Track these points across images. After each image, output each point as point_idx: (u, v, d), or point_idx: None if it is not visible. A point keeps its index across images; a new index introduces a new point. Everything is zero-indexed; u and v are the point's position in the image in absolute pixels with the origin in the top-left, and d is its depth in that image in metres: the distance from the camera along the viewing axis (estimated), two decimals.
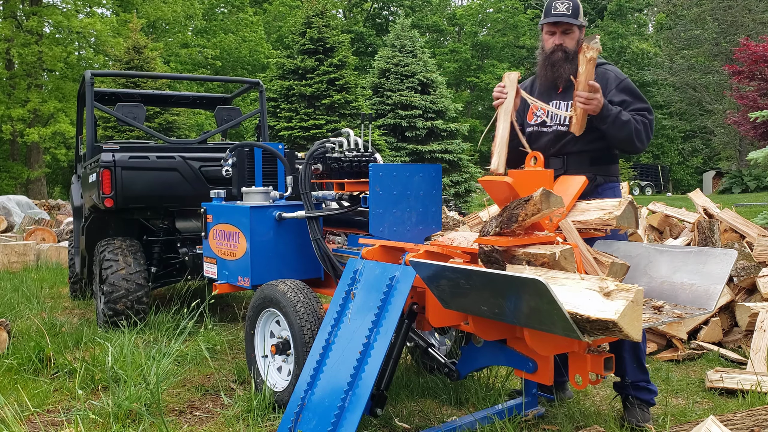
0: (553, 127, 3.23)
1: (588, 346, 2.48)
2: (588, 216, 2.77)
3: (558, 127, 3.21)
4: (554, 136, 3.22)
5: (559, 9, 3.15)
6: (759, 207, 14.51)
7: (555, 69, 3.18)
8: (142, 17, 25.14)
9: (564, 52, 3.16)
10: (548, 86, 3.26)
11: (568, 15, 3.14)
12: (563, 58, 3.16)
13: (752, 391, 3.38)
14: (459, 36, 44.91)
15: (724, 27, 29.86)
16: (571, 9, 3.14)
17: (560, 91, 3.22)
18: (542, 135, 3.28)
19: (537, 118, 3.30)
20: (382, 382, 2.77)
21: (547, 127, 3.26)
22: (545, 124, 3.27)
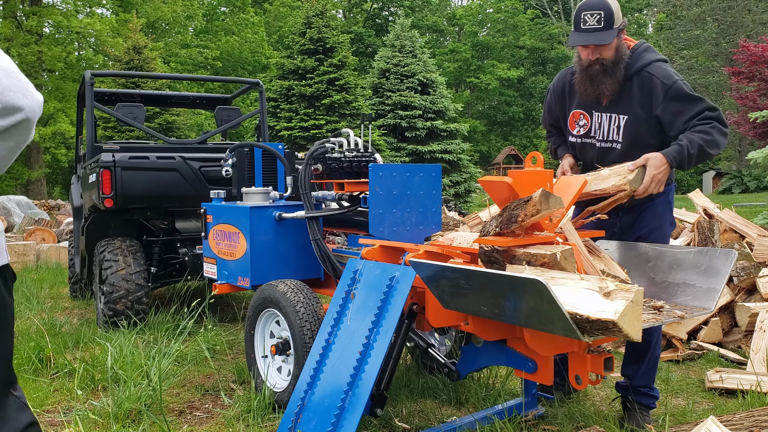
0: (598, 144, 3.03)
1: (588, 346, 2.48)
2: (606, 184, 2.75)
3: (602, 143, 3.00)
4: (600, 151, 3.02)
5: (589, 23, 2.78)
6: (759, 207, 14.52)
7: (594, 85, 2.90)
8: (142, 17, 25.14)
9: (602, 65, 2.86)
10: (588, 98, 2.99)
11: (599, 30, 2.76)
12: (601, 71, 2.87)
13: (752, 391, 3.38)
14: (459, 36, 44.93)
15: (724, 27, 29.87)
16: (603, 20, 2.75)
17: (605, 104, 2.96)
18: (587, 147, 3.07)
19: (580, 128, 3.07)
20: (382, 382, 2.77)
21: (591, 139, 3.05)
22: (589, 135, 3.04)
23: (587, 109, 3.03)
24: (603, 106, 2.98)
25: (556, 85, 3.21)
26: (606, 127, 2.97)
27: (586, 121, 3.03)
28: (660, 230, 3.03)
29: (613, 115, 2.94)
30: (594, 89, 2.92)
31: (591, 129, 3.03)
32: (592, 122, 3.02)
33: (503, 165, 31.13)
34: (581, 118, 3.06)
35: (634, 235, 3.04)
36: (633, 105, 2.90)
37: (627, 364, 3.16)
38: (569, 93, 3.12)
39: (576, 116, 3.08)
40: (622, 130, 2.93)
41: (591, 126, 3.02)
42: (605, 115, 2.97)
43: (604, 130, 2.98)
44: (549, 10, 44.90)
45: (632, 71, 2.89)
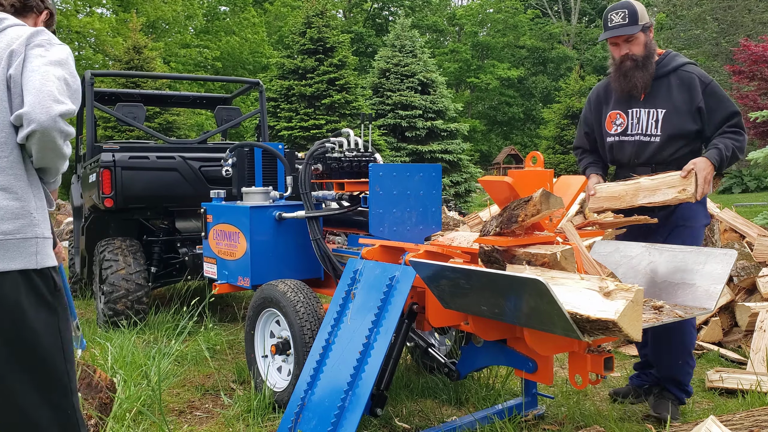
0: (636, 137, 3.15)
1: (588, 346, 2.48)
2: (662, 197, 2.86)
3: (641, 137, 3.13)
4: (638, 146, 3.15)
5: (615, 20, 3.09)
6: (759, 207, 14.51)
7: (627, 79, 3.11)
8: (142, 16, 25.13)
9: (632, 60, 3.09)
10: (625, 94, 3.18)
11: (625, 25, 3.06)
12: (633, 66, 3.09)
13: (752, 391, 3.38)
14: (459, 36, 44.92)
15: (724, 27, 29.86)
16: (627, 17, 3.05)
17: (642, 99, 3.14)
18: (624, 145, 3.20)
19: (617, 127, 3.22)
20: (382, 382, 2.77)
21: (629, 136, 3.18)
22: (626, 132, 3.19)
23: (624, 108, 3.20)
24: (640, 102, 3.14)
25: (591, 96, 3.44)
26: (644, 121, 3.13)
27: (623, 119, 3.20)
28: (695, 219, 3.11)
29: (651, 110, 3.12)
30: (627, 83, 3.12)
31: (628, 126, 3.19)
32: (628, 120, 3.18)
33: (503, 165, 31.14)
34: (618, 118, 3.22)
35: (669, 227, 3.11)
36: (672, 99, 3.08)
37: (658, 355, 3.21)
38: (605, 98, 3.32)
39: (612, 117, 3.25)
40: (661, 124, 3.09)
41: (628, 123, 3.18)
42: (643, 110, 3.14)
43: (643, 125, 3.13)
44: (549, 10, 44.90)
45: (668, 69, 3.12)
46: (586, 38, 43.47)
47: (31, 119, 1.69)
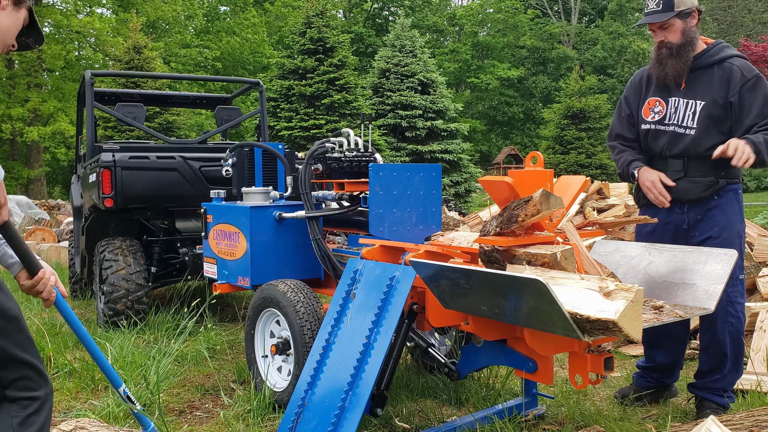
0: (671, 127, 3.06)
1: (588, 346, 2.48)
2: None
3: (676, 128, 3.05)
4: (672, 137, 3.06)
5: (650, 6, 3.01)
6: (759, 207, 14.51)
7: (661, 66, 3.05)
8: (142, 16, 25.13)
9: (668, 48, 3.02)
10: (665, 82, 3.09)
11: (657, 11, 2.98)
12: (668, 54, 3.02)
13: (752, 391, 3.38)
14: (459, 36, 44.92)
15: (724, 27, 29.86)
16: (662, 3, 2.96)
17: (682, 88, 3.05)
18: (660, 135, 3.10)
19: (654, 115, 3.13)
20: (382, 382, 2.77)
21: (664, 126, 3.09)
22: (663, 121, 3.09)
23: (664, 96, 3.12)
24: (680, 92, 3.06)
25: (633, 78, 3.34)
26: (682, 112, 3.05)
27: (662, 107, 3.12)
28: (730, 228, 3.00)
29: (690, 101, 3.03)
30: (661, 70, 3.06)
31: (666, 115, 3.10)
32: (667, 108, 3.10)
33: (503, 165, 31.14)
34: (657, 105, 3.14)
35: (704, 234, 3.02)
36: (711, 92, 2.99)
37: (708, 364, 3.14)
38: (646, 83, 3.23)
39: (651, 103, 3.16)
40: (698, 116, 3.01)
41: (666, 112, 3.10)
42: (682, 100, 3.06)
43: (680, 116, 3.05)
44: (549, 10, 44.90)
45: (713, 60, 3.02)
46: (586, 38, 43.47)
47: None
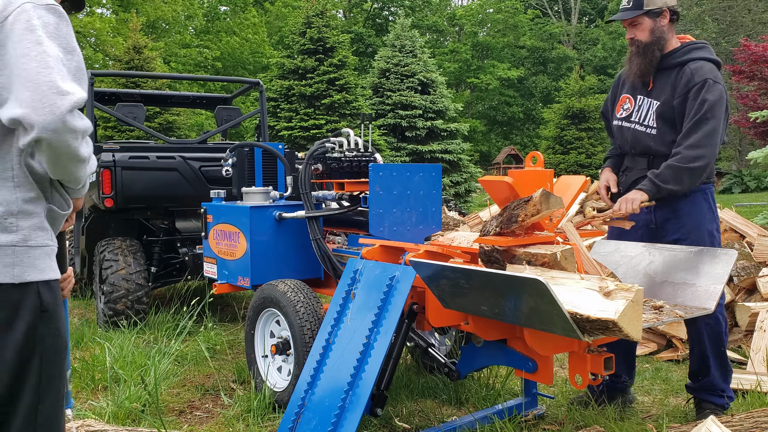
0: (634, 125, 3.11)
1: (588, 345, 2.48)
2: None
3: (637, 125, 3.09)
4: (635, 135, 3.11)
5: (623, 5, 3.07)
6: (759, 207, 14.51)
7: (630, 63, 3.11)
8: (142, 16, 25.13)
9: (636, 46, 3.06)
10: (633, 80, 3.14)
11: (627, 9, 3.03)
12: (635, 52, 3.06)
13: (752, 391, 3.38)
14: (459, 36, 44.92)
15: (724, 27, 29.85)
16: (632, 1, 3.01)
17: (650, 87, 3.09)
18: (625, 131, 3.16)
19: (623, 112, 3.18)
20: (382, 381, 2.77)
21: (630, 123, 3.14)
22: (629, 119, 3.14)
23: (633, 94, 3.17)
24: (647, 90, 3.10)
25: (616, 78, 3.39)
26: (645, 111, 3.10)
27: (630, 105, 3.16)
28: (698, 230, 2.99)
29: (652, 100, 3.08)
30: (629, 68, 3.12)
31: (632, 113, 3.15)
32: (634, 106, 3.14)
33: (503, 165, 31.14)
34: (626, 102, 3.19)
35: (673, 235, 3.01)
36: (666, 93, 3.02)
37: (695, 365, 3.14)
38: (622, 82, 3.28)
39: (623, 100, 3.22)
40: (655, 116, 3.05)
41: (633, 110, 3.14)
42: (646, 99, 3.10)
43: (643, 114, 3.10)
44: (549, 10, 44.90)
45: (677, 62, 3.03)
46: (586, 38, 43.46)
47: (32, 123, 1.39)
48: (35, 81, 1.40)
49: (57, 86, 1.41)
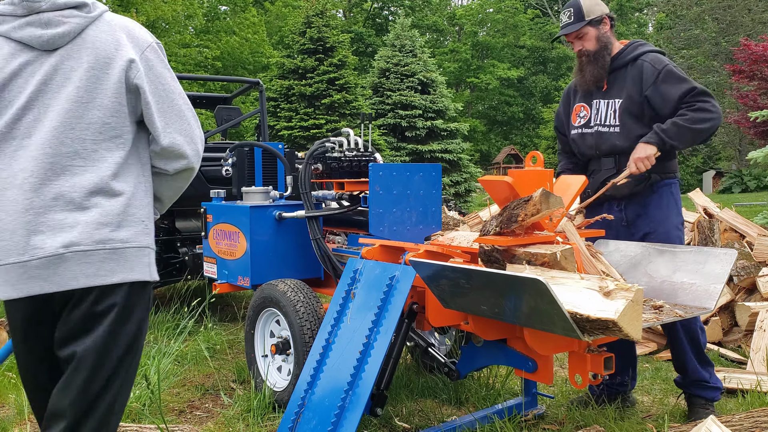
0: (595, 128, 3.20)
1: (588, 345, 2.48)
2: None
3: (599, 127, 3.18)
4: (597, 137, 3.19)
5: (563, 20, 3.21)
6: (759, 207, 14.51)
7: (582, 73, 3.21)
8: (142, 16, 25.10)
9: (586, 56, 3.18)
10: (587, 88, 3.25)
11: (570, 23, 3.17)
12: (587, 61, 3.18)
13: (752, 390, 3.38)
14: (459, 36, 44.91)
15: (724, 27, 29.85)
16: (573, 15, 3.16)
17: (604, 89, 3.19)
18: (586, 136, 3.25)
19: (580, 120, 3.28)
20: (382, 381, 2.77)
21: (590, 128, 3.23)
22: (589, 124, 3.24)
23: (587, 100, 3.26)
24: (602, 93, 3.20)
25: (563, 93, 3.49)
26: (604, 112, 3.18)
27: (586, 112, 3.26)
28: (666, 222, 3.10)
29: (609, 100, 3.17)
30: (582, 77, 3.23)
31: (590, 119, 3.24)
32: (591, 112, 3.24)
33: (503, 164, 31.14)
34: (582, 111, 3.28)
35: (641, 231, 3.11)
36: (626, 89, 3.12)
37: (677, 361, 3.17)
38: (573, 94, 3.38)
39: (577, 110, 3.31)
40: (618, 114, 3.13)
41: (590, 115, 3.24)
42: (603, 101, 3.20)
43: (602, 116, 3.18)
44: (549, 9, 44.90)
45: (627, 60, 3.16)
46: None
47: (184, 155, 1.73)
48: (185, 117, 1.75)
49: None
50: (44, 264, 1.58)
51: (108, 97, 1.64)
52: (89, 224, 1.61)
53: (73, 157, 1.62)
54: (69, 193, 1.60)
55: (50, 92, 1.60)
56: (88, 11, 1.66)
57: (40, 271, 1.58)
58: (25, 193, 1.58)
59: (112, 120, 1.65)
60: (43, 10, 1.60)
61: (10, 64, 1.59)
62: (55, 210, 1.59)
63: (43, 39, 1.59)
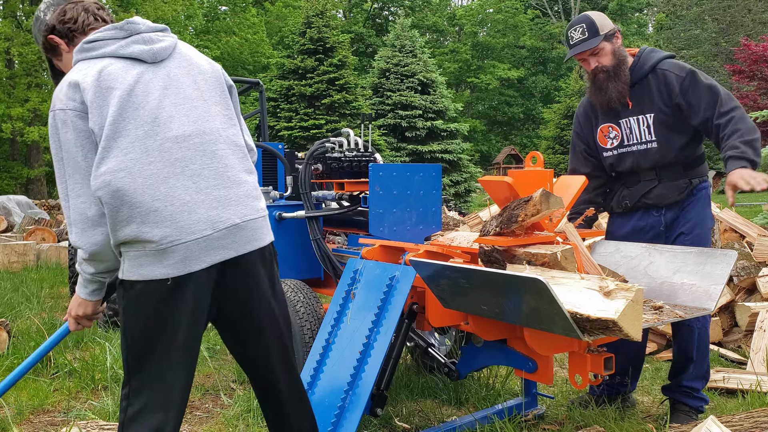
0: (633, 147, 3.06)
1: (588, 345, 2.48)
2: None
3: (638, 146, 3.04)
4: (637, 155, 3.05)
5: (576, 37, 3.01)
6: (759, 207, 14.51)
7: (603, 92, 3.02)
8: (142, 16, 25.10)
9: (604, 72, 3.01)
10: (610, 106, 3.06)
11: (585, 40, 2.98)
12: (605, 78, 3.01)
13: (752, 391, 3.38)
14: (459, 36, 44.92)
15: (724, 27, 29.87)
16: (586, 30, 2.98)
17: (630, 107, 3.04)
18: (625, 157, 3.10)
19: (612, 141, 3.12)
20: (382, 381, 2.77)
21: (626, 147, 3.08)
22: (623, 144, 3.09)
23: (614, 120, 3.10)
24: (629, 110, 3.04)
25: (579, 112, 3.31)
26: (637, 130, 3.04)
27: (616, 132, 3.10)
28: (702, 224, 3.04)
29: (639, 116, 3.02)
30: (603, 96, 3.02)
31: (623, 138, 3.09)
32: (622, 131, 3.09)
33: (503, 165, 31.14)
34: (610, 131, 3.12)
35: (676, 232, 3.05)
36: (655, 102, 2.99)
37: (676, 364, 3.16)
38: (592, 112, 3.21)
39: (605, 131, 3.15)
40: (653, 128, 3.00)
41: (622, 135, 3.09)
42: (632, 118, 3.04)
43: (636, 134, 3.04)
44: (549, 10, 44.90)
45: (645, 71, 3.01)
46: None
47: (254, 152, 2.12)
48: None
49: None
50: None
51: (219, 94, 1.97)
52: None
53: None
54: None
55: (172, 95, 1.84)
56: (169, 33, 1.97)
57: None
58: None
59: (228, 112, 1.98)
60: (142, 31, 1.89)
61: (129, 74, 1.81)
62: None
63: (152, 52, 1.86)
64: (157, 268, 1.74)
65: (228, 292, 1.88)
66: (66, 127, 1.74)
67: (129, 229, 1.73)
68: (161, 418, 1.79)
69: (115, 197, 1.70)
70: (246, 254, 1.87)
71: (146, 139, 1.75)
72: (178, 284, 1.75)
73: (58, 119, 1.75)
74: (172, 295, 1.76)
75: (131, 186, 1.71)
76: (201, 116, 1.86)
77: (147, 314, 1.77)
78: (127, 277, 1.78)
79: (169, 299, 1.76)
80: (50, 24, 1.96)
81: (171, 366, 1.81)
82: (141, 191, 1.71)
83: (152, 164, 1.74)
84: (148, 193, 1.72)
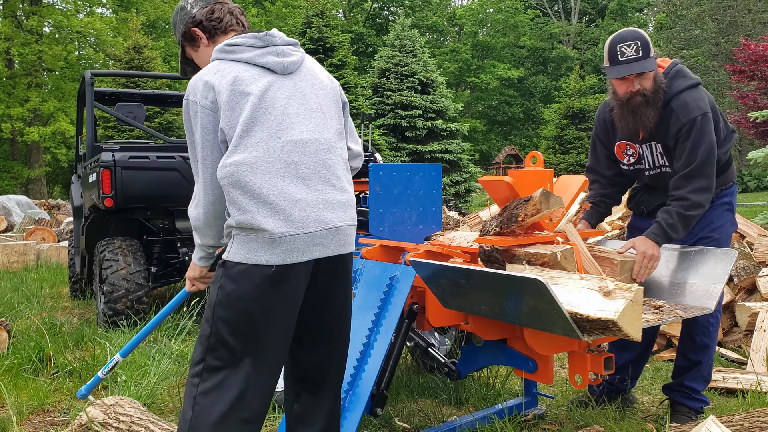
0: (649, 173, 2.99)
1: (588, 345, 2.48)
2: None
3: (651, 170, 2.97)
4: (652, 176, 2.99)
5: (628, 54, 2.71)
6: (759, 207, 14.52)
7: (637, 117, 2.79)
8: (142, 15, 25.12)
9: (643, 96, 2.76)
10: (630, 131, 2.91)
11: (639, 59, 2.70)
12: (643, 102, 2.76)
13: (752, 390, 3.38)
14: (459, 36, 44.93)
15: (724, 27, 29.88)
16: (641, 49, 2.69)
17: (641, 138, 2.91)
18: (641, 172, 3.04)
19: (629, 158, 3.03)
20: (382, 381, 2.77)
21: (641, 165, 3.01)
22: (639, 162, 3.01)
23: (632, 140, 2.99)
24: (640, 139, 2.93)
25: (598, 118, 3.16)
26: (649, 156, 2.95)
27: (634, 150, 3.00)
28: (721, 229, 2.95)
29: (651, 143, 2.92)
30: (636, 122, 2.82)
31: (640, 158, 3.00)
32: (638, 152, 3.00)
33: (503, 164, 31.15)
34: (628, 148, 3.02)
35: (696, 236, 2.93)
36: (661, 133, 2.86)
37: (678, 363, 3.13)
38: (611, 127, 3.05)
39: (622, 147, 3.04)
40: (665, 156, 2.91)
41: (639, 154, 3.00)
42: (645, 145, 2.95)
43: (649, 159, 2.96)
44: (549, 9, 44.91)
45: (667, 99, 2.83)
46: (586, 38, 43.48)
47: (360, 157, 2.29)
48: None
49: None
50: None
51: (335, 109, 2.14)
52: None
53: None
54: None
55: (296, 104, 2.00)
56: (299, 48, 2.12)
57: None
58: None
59: (340, 126, 2.14)
60: (277, 44, 2.05)
61: (261, 81, 1.97)
62: None
63: (283, 64, 2.03)
64: (264, 255, 1.89)
65: (315, 289, 2.03)
66: (196, 118, 1.95)
67: (246, 216, 1.88)
68: (241, 389, 1.91)
69: (237, 186, 1.88)
70: (339, 255, 2.03)
71: (269, 141, 1.92)
72: (280, 272, 1.90)
73: (191, 109, 1.96)
74: (272, 280, 1.90)
75: (251, 179, 1.88)
76: (318, 126, 2.03)
77: (244, 293, 1.90)
78: (232, 258, 1.92)
79: (269, 284, 1.90)
80: (198, 18, 2.13)
81: (266, 349, 1.94)
82: (260, 185, 1.88)
83: (272, 163, 1.91)
84: (266, 187, 1.89)
